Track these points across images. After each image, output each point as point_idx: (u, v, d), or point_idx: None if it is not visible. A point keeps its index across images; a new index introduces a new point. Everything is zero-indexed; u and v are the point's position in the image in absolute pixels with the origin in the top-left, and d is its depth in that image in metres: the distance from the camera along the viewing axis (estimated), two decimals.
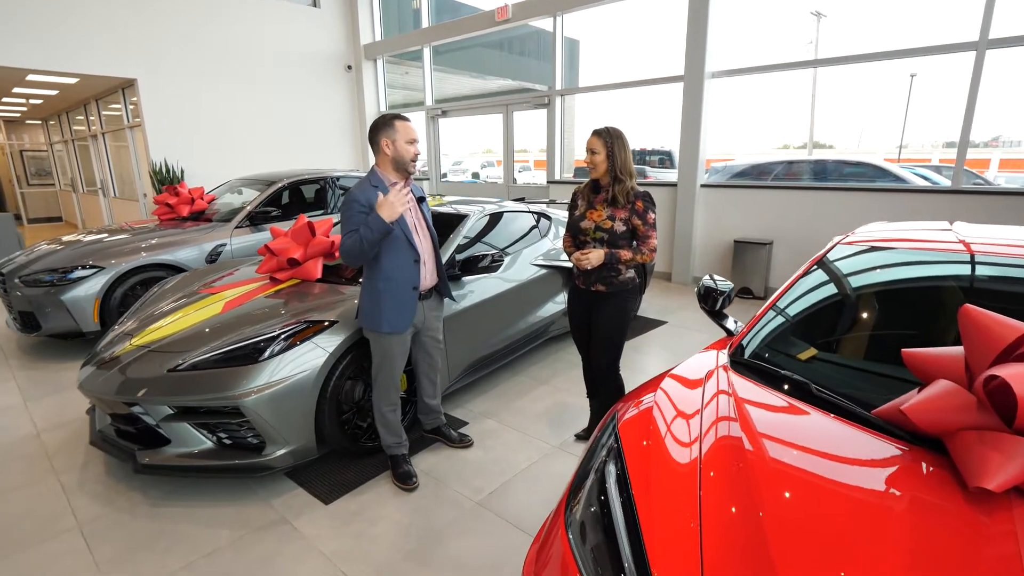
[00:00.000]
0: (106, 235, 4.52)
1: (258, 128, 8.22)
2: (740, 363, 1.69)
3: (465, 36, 7.92)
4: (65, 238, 4.56)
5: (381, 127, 2.20)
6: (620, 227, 2.30)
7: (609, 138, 2.27)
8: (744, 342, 1.80)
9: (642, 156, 8.16)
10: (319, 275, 2.94)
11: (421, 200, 2.39)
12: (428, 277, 2.37)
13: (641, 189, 2.33)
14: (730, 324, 2.06)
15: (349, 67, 9.27)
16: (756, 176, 6.41)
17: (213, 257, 4.49)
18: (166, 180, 7.18)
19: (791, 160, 6.50)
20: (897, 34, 4.66)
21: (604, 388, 2.51)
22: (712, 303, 2.09)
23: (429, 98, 8.68)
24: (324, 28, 8.87)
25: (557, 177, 7.21)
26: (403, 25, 9.22)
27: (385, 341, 2.28)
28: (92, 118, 9.50)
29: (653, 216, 2.32)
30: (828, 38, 5.57)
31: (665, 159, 8.20)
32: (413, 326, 2.34)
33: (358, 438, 2.53)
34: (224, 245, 4.56)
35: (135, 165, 8.10)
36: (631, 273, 2.42)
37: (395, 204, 2.06)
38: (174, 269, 4.28)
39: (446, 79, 8.83)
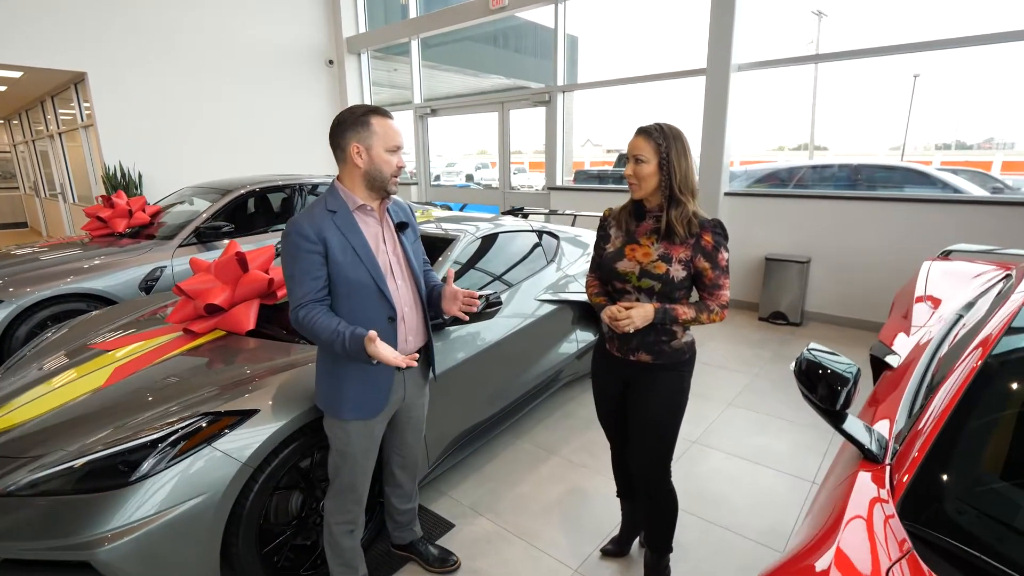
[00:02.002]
0: (27, 251, 3.75)
1: (227, 129, 7.42)
2: (929, 542, 0.95)
3: (457, 27, 7.16)
4: None
5: (349, 126, 1.46)
6: (679, 272, 1.55)
7: (663, 139, 1.53)
8: (914, 489, 1.06)
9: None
10: (251, 326, 2.17)
11: (403, 227, 1.63)
12: (411, 338, 1.62)
13: (707, 216, 1.58)
14: (857, 430, 1.32)
15: (331, 62, 8.49)
16: (776, 182, 5.70)
17: (149, 284, 3.71)
18: (120, 185, 6.40)
19: (815, 164, 5.79)
20: (899, 31, 4.29)
21: (647, 496, 1.75)
22: (830, 397, 1.34)
23: (417, 95, 7.92)
24: (302, 18, 8.09)
25: (559, 183, 6.47)
26: (390, 16, 8.46)
27: (343, 432, 1.55)
28: (49, 117, 8.69)
29: (726, 256, 1.58)
30: (828, 36, 5.03)
31: None
32: (389, 406, 1.61)
33: (295, 571, 1.77)
34: (164, 268, 3.79)
35: (90, 168, 7.30)
36: (689, 336, 1.67)
37: (388, 358, 1.41)
38: (99, 300, 3.50)
39: (436, 76, 8.08)
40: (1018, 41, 3.79)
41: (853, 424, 1.33)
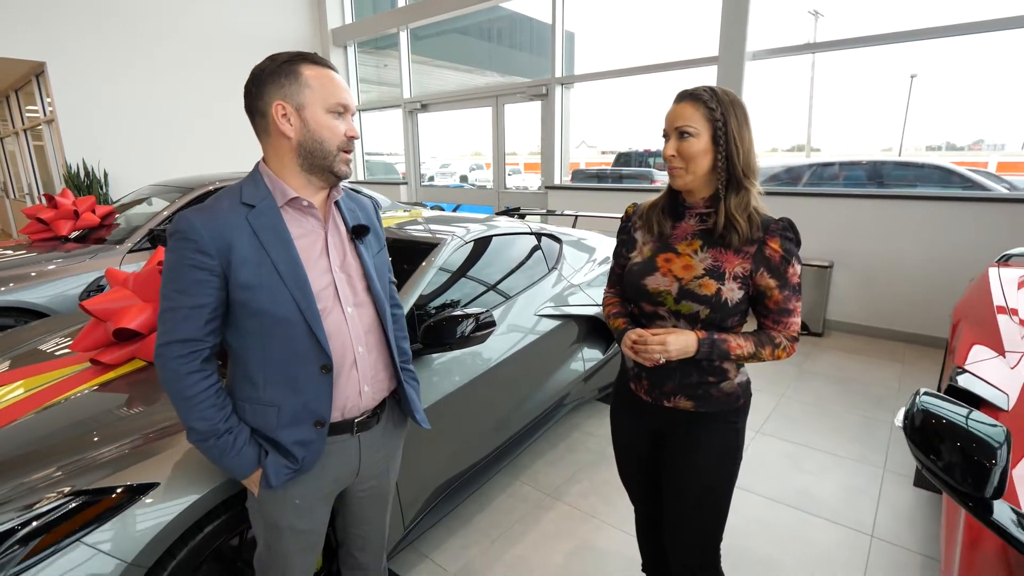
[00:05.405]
0: None
1: (202, 126, 6.95)
2: None
3: (448, 15, 6.74)
4: None
5: (271, 78, 0.99)
6: (733, 292, 1.13)
7: (716, 104, 1.10)
8: None
9: (643, 158, 7.12)
10: None
11: (361, 232, 1.14)
12: (368, 388, 1.13)
13: (771, 215, 1.16)
14: (1018, 529, 0.89)
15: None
16: (789, 181, 5.31)
17: (91, 295, 3.24)
18: (84, 185, 5.94)
19: (833, 162, 5.41)
20: (894, 26, 3.99)
21: None
22: (972, 477, 0.91)
23: (407, 90, 7.48)
24: (284, 7, 7.63)
25: (556, 182, 6.05)
26: (378, 5, 8.02)
27: (266, 509, 1.11)
28: (15, 113, 8.20)
29: (799, 271, 1.15)
30: (823, 36, 4.77)
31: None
32: (336, 481, 1.17)
33: None
34: None
35: (55, 168, 6.81)
36: (743, 376, 1.25)
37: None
38: (31, 314, 3.04)
39: (428, 73, 7.66)
40: (1015, 29, 3.51)
41: (1007, 517, 0.91)
